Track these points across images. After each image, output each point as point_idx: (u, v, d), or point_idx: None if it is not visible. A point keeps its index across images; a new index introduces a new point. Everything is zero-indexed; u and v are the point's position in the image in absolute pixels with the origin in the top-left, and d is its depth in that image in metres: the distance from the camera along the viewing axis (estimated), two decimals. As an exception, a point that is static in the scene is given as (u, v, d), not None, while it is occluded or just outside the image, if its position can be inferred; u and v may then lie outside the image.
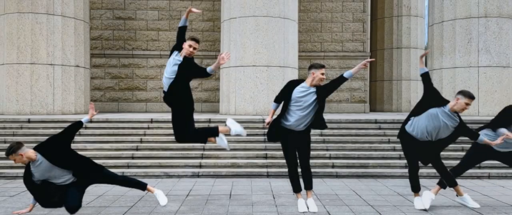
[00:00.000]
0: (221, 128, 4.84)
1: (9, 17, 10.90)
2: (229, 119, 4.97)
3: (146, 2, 15.53)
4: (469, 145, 7.62)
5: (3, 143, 7.58)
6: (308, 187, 4.70)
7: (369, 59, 4.74)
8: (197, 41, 4.58)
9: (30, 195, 4.50)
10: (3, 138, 7.74)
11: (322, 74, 4.46)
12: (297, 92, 4.49)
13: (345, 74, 4.48)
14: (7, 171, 6.67)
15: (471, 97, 4.44)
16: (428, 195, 4.73)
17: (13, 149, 4.20)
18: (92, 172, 4.57)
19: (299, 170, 4.67)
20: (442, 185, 4.96)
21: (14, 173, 6.60)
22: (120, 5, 15.49)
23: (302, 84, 4.55)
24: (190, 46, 4.51)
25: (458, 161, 7.12)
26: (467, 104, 4.43)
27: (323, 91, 4.49)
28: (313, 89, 4.48)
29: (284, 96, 4.60)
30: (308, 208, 4.62)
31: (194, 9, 4.80)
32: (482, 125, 8.37)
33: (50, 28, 10.98)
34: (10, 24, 10.89)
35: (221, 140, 4.81)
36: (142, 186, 4.81)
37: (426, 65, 13.33)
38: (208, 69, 4.53)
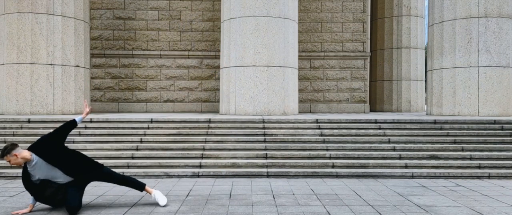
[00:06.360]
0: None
1: (9, 17, 10.90)
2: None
3: (146, 2, 15.53)
4: (469, 146, 7.64)
5: (3, 143, 7.57)
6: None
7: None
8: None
9: (30, 195, 4.51)
10: (3, 138, 7.73)
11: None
12: None
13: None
14: (7, 171, 6.66)
15: None
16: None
17: (7, 150, 4.22)
18: (91, 171, 4.58)
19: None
20: None
21: (14, 173, 6.60)
22: (120, 5, 15.49)
23: None
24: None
25: (457, 161, 7.14)
26: None
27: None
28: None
29: None
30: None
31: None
32: (482, 125, 8.42)
33: (50, 28, 10.98)
34: (10, 24, 10.89)
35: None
36: (141, 187, 4.83)
37: (426, 65, 13.35)
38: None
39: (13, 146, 4.26)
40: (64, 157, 4.47)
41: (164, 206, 4.74)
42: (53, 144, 4.45)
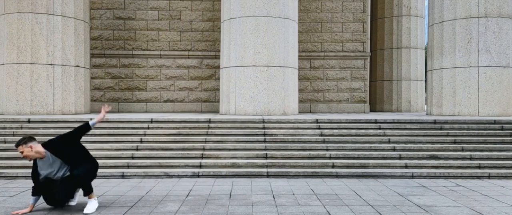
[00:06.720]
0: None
1: (9, 17, 10.90)
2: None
3: (146, 2, 15.53)
4: (469, 146, 7.64)
5: (3, 143, 7.58)
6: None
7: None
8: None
9: (31, 196, 4.51)
10: (3, 138, 7.73)
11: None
12: None
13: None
14: (7, 171, 6.66)
15: None
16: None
17: (24, 141, 4.30)
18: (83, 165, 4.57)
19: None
20: None
21: (14, 173, 6.60)
22: (120, 5, 15.49)
23: None
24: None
25: (457, 161, 7.14)
26: None
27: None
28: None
29: None
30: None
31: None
32: (482, 125, 8.41)
33: (50, 28, 10.98)
34: (10, 24, 10.89)
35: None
36: (88, 193, 4.59)
37: (426, 65, 13.36)
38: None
39: (31, 138, 4.37)
40: (77, 157, 4.52)
41: (86, 214, 4.44)
42: (67, 146, 4.50)
